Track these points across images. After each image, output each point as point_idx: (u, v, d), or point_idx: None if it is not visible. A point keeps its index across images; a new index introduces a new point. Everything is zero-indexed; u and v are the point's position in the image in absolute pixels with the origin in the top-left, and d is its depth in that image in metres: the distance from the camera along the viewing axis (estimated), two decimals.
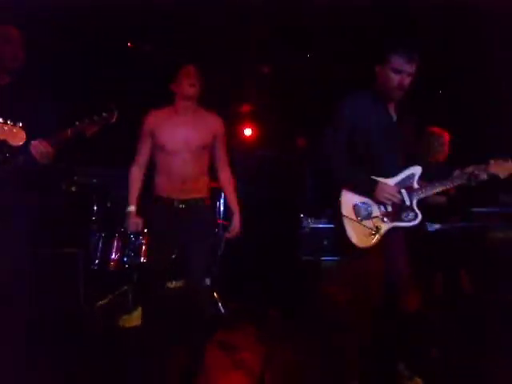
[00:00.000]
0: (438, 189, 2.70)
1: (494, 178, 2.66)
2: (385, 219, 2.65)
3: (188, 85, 3.01)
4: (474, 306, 3.78)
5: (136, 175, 3.15)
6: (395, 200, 2.63)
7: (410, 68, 2.62)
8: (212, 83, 5.19)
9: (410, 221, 2.65)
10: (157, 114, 3.12)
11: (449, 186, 2.70)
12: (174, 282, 4.31)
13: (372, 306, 2.63)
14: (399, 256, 2.73)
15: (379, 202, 2.67)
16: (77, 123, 2.56)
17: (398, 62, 2.62)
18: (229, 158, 3.29)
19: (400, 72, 2.62)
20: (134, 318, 3.94)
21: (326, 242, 4.81)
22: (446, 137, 3.95)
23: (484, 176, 2.65)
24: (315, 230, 4.90)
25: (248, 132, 6.32)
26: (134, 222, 3.09)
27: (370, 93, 2.78)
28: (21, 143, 2.42)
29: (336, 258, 4.68)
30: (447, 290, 3.85)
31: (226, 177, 3.26)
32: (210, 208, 3.29)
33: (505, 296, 3.77)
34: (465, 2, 3.82)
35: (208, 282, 4.38)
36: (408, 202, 2.66)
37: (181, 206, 3.03)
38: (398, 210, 2.66)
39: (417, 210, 2.65)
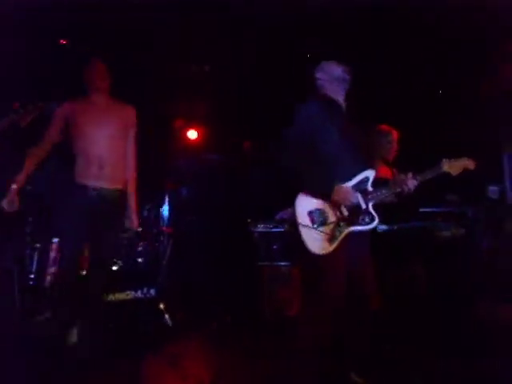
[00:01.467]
0: (392, 191, 2.77)
1: (446, 175, 2.78)
2: (341, 224, 2.69)
3: (98, 78, 3.31)
4: (426, 306, 3.79)
5: (34, 151, 3.25)
6: (352, 200, 2.68)
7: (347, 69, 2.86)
8: (152, 83, 5.15)
9: (366, 224, 2.70)
10: (72, 103, 3.32)
11: (402, 189, 2.75)
12: (115, 295, 4.17)
13: (328, 315, 2.65)
14: (365, 261, 2.80)
15: (335, 208, 2.71)
16: (11, 114, 2.61)
17: (333, 63, 2.88)
18: (171, 161, 3.32)
19: (340, 68, 2.86)
20: (74, 334, 3.62)
21: (275, 247, 4.77)
22: (395, 134, 3.91)
23: (414, 183, 2.75)
24: (264, 235, 4.86)
25: (192, 135, 6.21)
26: (10, 201, 3.12)
27: (321, 99, 2.88)
28: None
29: (287, 264, 4.67)
30: (397, 291, 3.88)
31: (130, 174, 3.43)
32: (124, 200, 3.41)
33: (454, 294, 3.84)
34: None
35: (153, 292, 4.34)
36: (364, 206, 2.71)
37: (93, 193, 3.20)
38: (354, 214, 2.70)
39: (373, 213, 2.71)
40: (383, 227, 3.87)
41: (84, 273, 3.95)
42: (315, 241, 2.66)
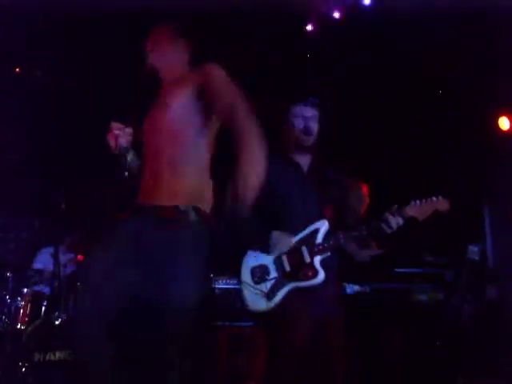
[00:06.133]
0: (344, 240, 2.61)
1: (412, 221, 2.59)
2: (282, 280, 2.59)
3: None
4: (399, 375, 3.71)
5: None
6: (286, 246, 2.58)
7: (310, 112, 2.76)
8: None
9: (308, 279, 2.57)
10: None
11: (357, 235, 2.61)
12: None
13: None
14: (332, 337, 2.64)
15: (278, 263, 2.63)
16: None
17: (297, 107, 2.78)
18: None
19: (301, 116, 2.75)
20: None
21: (239, 305, 4.60)
22: (364, 189, 3.90)
23: (398, 221, 2.55)
24: (226, 292, 4.69)
25: None
26: None
27: (279, 155, 2.82)
28: None
29: (250, 324, 4.49)
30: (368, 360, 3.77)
31: None
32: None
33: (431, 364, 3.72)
34: None
35: None
36: (308, 260, 2.60)
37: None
38: (296, 270, 2.60)
39: (318, 268, 2.58)
40: (355, 288, 3.79)
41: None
42: (253, 298, 2.60)
